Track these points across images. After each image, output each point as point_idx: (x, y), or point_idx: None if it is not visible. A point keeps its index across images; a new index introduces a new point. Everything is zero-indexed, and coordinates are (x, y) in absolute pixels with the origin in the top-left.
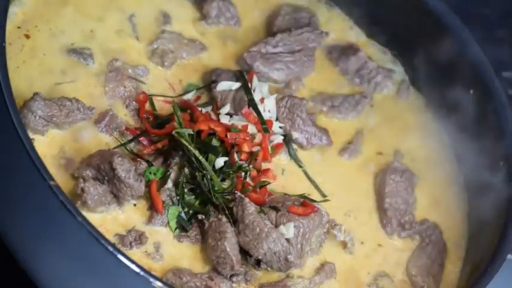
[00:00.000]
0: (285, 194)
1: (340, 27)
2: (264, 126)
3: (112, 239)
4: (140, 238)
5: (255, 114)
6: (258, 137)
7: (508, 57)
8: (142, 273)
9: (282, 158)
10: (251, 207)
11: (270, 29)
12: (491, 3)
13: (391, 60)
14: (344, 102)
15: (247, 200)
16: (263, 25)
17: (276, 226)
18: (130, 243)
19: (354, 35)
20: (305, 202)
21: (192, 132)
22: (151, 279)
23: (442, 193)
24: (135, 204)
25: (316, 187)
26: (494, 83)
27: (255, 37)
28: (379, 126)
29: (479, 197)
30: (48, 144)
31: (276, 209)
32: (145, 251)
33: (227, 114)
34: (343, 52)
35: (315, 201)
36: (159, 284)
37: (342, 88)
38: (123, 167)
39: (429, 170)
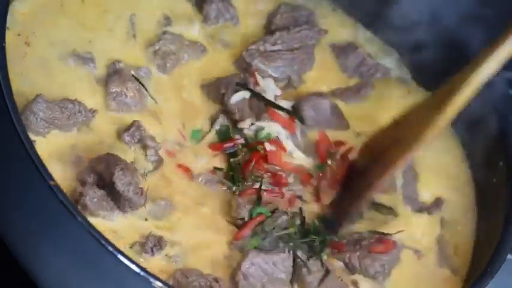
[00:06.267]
0: (355, 232)
1: (339, 25)
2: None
3: (130, 249)
4: (159, 243)
5: (280, 112)
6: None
7: None
8: (142, 273)
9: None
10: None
11: (269, 28)
12: (491, 3)
13: (391, 58)
14: (346, 90)
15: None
16: (263, 25)
17: (361, 269)
18: (152, 249)
19: (354, 32)
20: (381, 238)
21: None
22: (151, 279)
23: (443, 192)
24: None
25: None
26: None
27: (254, 37)
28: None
29: (480, 196)
30: (49, 146)
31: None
32: (166, 255)
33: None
34: (342, 49)
35: (389, 234)
36: (159, 284)
37: (341, 85)
38: (123, 181)
39: (429, 169)
